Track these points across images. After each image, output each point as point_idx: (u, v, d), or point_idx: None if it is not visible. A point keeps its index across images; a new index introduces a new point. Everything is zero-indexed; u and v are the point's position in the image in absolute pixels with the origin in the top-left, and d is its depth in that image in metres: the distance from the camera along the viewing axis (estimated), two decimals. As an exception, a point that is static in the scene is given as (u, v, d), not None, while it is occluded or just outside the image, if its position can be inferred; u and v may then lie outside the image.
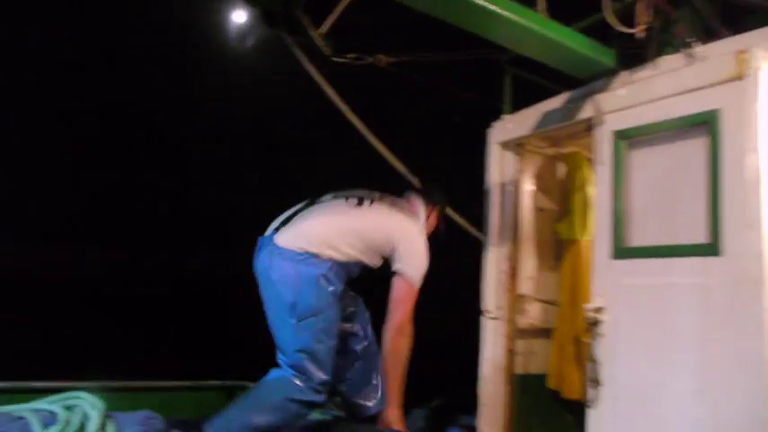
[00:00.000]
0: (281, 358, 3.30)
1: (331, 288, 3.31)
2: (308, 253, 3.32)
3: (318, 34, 4.69)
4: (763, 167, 2.55)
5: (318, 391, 3.23)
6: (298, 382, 3.22)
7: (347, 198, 3.57)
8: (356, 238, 3.41)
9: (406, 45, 5.14)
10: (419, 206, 3.73)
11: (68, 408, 3.84)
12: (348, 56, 4.97)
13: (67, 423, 3.64)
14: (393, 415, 3.41)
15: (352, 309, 3.66)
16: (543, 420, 4.21)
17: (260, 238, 3.54)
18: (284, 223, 3.50)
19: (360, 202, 3.55)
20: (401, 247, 3.46)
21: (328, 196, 3.66)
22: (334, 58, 4.94)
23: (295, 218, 3.51)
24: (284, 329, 3.29)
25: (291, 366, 3.25)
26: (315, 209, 3.54)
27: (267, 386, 3.32)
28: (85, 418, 3.76)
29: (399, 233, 3.48)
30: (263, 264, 3.40)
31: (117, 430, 3.87)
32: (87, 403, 3.85)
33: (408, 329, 3.42)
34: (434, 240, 3.77)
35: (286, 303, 3.27)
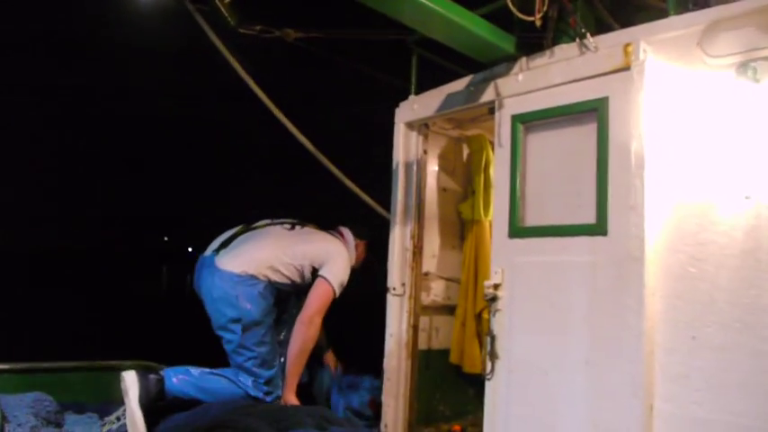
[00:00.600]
0: (233, 360, 3.97)
1: (267, 302, 4.01)
2: (247, 275, 3.96)
3: (223, 3, 4.55)
4: (646, 153, 2.72)
5: (266, 391, 3.94)
6: (247, 382, 3.93)
7: (282, 224, 4.32)
8: (291, 257, 4.09)
9: (316, 21, 5.08)
10: (349, 236, 4.49)
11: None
12: (255, 28, 4.86)
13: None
14: (289, 399, 4.05)
15: (284, 316, 4.37)
16: (445, 394, 4.37)
17: (201, 257, 4.19)
18: (223, 245, 4.14)
19: (292, 227, 4.30)
20: (328, 261, 4.16)
21: (264, 222, 4.38)
22: (240, 30, 4.81)
23: (234, 242, 4.16)
24: (232, 338, 3.93)
25: (240, 367, 3.94)
26: (253, 234, 4.22)
27: (218, 385, 3.93)
28: (-33, 401, 3.56)
29: (328, 250, 4.22)
30: (206, 282, 4.03)
31: (3, 412, 3.69)
32: (-33, 386, 3.65)
33: (317, 322, 4.10)
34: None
35: (230, 318, 3.91)
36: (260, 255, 4.07)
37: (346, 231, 4.53)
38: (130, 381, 3.77)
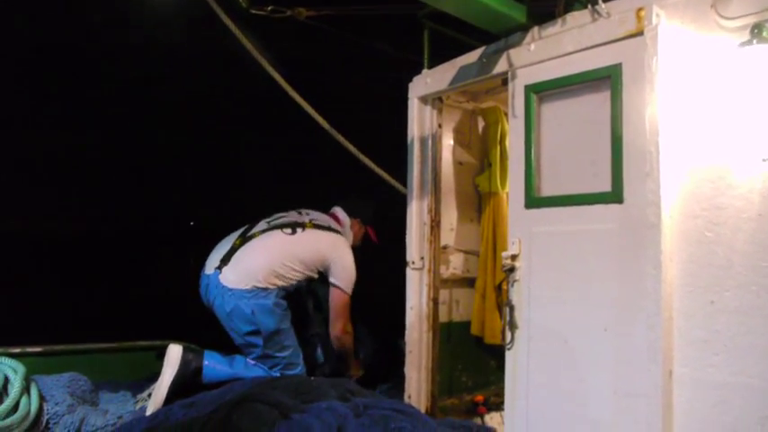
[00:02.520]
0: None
1: (282, 308, 4.01)
2: (257, 289, 3.93)
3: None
4: (660, 118, 2.70)
5: None
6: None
7: (281, 228, 4.17)
8: (296, 263, 4.05)
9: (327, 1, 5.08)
10: (344, 218, 4.51)
11: (-13, 373, 3.75)
12: (266, 8, 4.87)
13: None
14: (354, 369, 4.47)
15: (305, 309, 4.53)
16: (467, 365, 4.43)
17: (203, 275, 4.09)
18: (224, 261, 4.02)
19: (293, 231, 4.17)
20: (334, 264, 4.18)
21: (262, 225, 4.23)
22: (252, 11, 4.83)
23: (234, 256, 4.05)
24: (254, 350, 3.97)
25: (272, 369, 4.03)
26: (252, 245, 4.09)
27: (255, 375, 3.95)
28: (7, 382, 3.70)
29: (332, 252, 4.18)
30: (217, 301, 3.97)
31: (41, 393, 3.83)
32: (7, 367, 3.79)
33: (349, 329, 4.30)
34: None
35: (247, 331, 3.92)
36: (264, 265, 3.99)
37: (340, 212, 4.57)
38: (174, 356, 3.83)
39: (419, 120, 4.08)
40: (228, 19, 4.72)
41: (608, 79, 2.87)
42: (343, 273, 4.22)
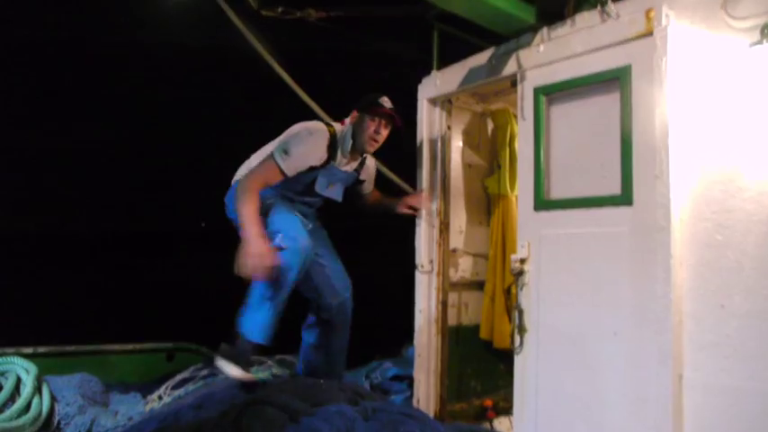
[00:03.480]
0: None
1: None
2: None
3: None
4: (670, 120, 2.67)
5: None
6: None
7: None
8: None
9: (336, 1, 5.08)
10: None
11: (1, 373, 3.80)
12: (277, 9, 4.89)
13: (0, 388, 3.63)
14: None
15: None
16: (476, 369, 4.40)
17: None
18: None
19: None
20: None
21: None
22: (263, 12, 4.85)
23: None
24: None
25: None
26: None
27: None
28: (19, 382, 3.74)
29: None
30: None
31: (52, 393, 3.87)
32: (20, 368, 3.82)
33: (247, 207, 3.24)
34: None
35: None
36: None
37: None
38: (230, 368, 3.25)
39: (428, 122, 4.07)
40: (238, 19, 4.74)
41: (617, 81, 2.85)
42: (282, 136, 3.56)
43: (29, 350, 4.35)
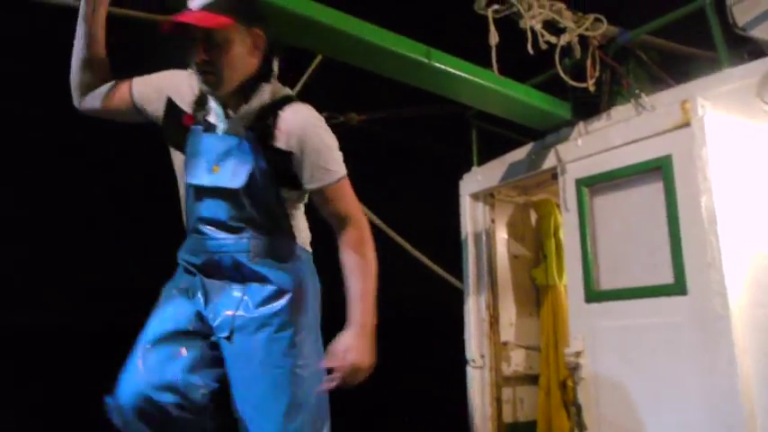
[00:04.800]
0: None
1: None
2: None
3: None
4: (717, 207, 2.66)
5: None
6: None
7: None
8: None
9: (376, 103, 5.29)
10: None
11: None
12: (321, 115, 5.12)
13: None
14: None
15: None
16: (537, 468, 4.21)
17: None
18: None
19: None
20: None
21: None
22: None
23: None
24: None
25: None
26: None
27: None
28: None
29: None
30: None
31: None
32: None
33: None
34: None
35: None
36: None
37: None
38: None
39: (472, 216, 4.13)
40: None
41: (659, 170, 2.87)
42: None
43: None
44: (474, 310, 4.03)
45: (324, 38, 2.69)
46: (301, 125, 1.80)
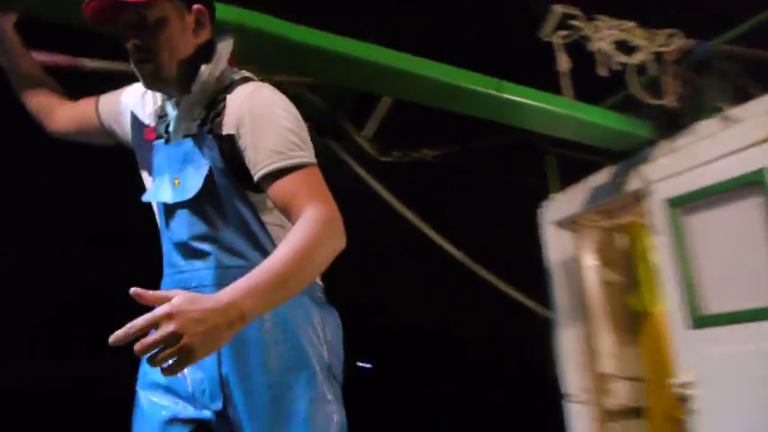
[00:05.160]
0: None
1: None
2: None
3: (364, 138, 4.92)
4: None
5: None
6: None
7: None
8: None
9: (448, 136, 5.29)
10: None
11: None
12: (394, 154, 5.17)
13: None
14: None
15: None
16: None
17: None
18: None
19: None
20: None
21: None
22: (382, 158, 5.14)
23: None
24: None
25: None
26: None
27: None
28: None
29: None
30: None
31: None
32: None
33: None
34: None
35: None
36: None
37: None
38: None
39: (557, 244, 4.01)
40: (360, 168, 5.02)
41: (756, 185, 2.70)
42: None
43: None
44: (570, 343, 3.89)
45: (395, 82, 2.73)
46: (246, 101, 1.43)
